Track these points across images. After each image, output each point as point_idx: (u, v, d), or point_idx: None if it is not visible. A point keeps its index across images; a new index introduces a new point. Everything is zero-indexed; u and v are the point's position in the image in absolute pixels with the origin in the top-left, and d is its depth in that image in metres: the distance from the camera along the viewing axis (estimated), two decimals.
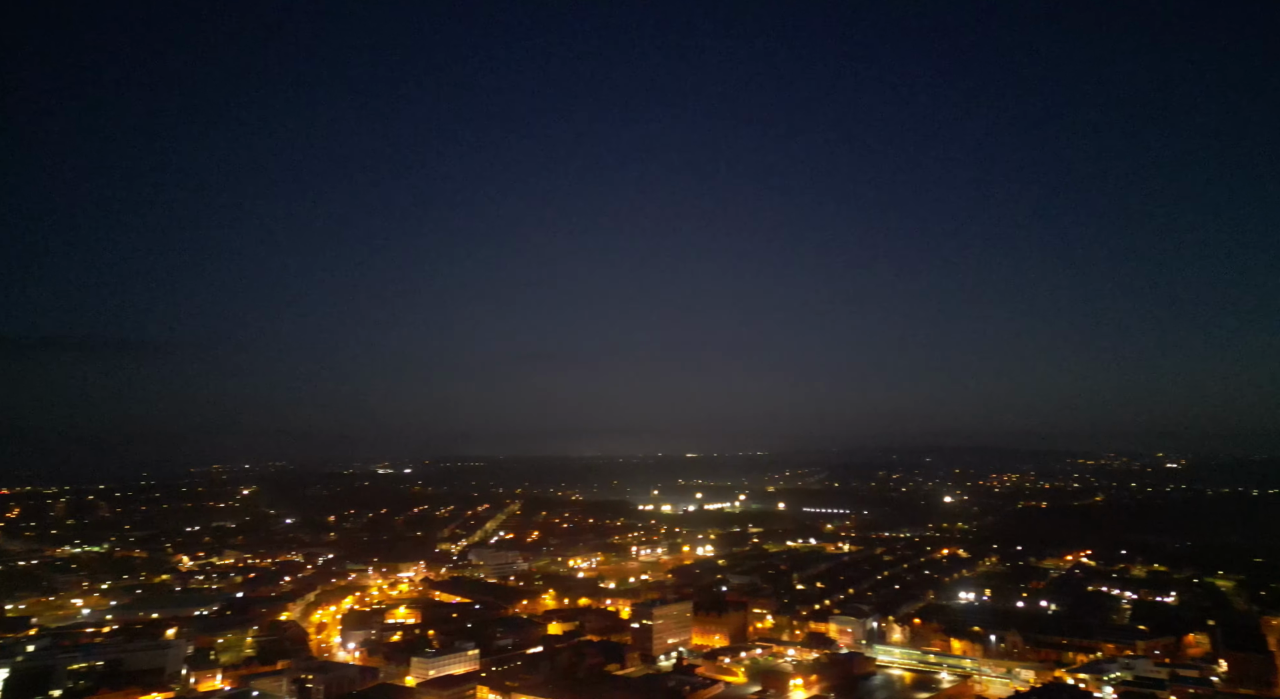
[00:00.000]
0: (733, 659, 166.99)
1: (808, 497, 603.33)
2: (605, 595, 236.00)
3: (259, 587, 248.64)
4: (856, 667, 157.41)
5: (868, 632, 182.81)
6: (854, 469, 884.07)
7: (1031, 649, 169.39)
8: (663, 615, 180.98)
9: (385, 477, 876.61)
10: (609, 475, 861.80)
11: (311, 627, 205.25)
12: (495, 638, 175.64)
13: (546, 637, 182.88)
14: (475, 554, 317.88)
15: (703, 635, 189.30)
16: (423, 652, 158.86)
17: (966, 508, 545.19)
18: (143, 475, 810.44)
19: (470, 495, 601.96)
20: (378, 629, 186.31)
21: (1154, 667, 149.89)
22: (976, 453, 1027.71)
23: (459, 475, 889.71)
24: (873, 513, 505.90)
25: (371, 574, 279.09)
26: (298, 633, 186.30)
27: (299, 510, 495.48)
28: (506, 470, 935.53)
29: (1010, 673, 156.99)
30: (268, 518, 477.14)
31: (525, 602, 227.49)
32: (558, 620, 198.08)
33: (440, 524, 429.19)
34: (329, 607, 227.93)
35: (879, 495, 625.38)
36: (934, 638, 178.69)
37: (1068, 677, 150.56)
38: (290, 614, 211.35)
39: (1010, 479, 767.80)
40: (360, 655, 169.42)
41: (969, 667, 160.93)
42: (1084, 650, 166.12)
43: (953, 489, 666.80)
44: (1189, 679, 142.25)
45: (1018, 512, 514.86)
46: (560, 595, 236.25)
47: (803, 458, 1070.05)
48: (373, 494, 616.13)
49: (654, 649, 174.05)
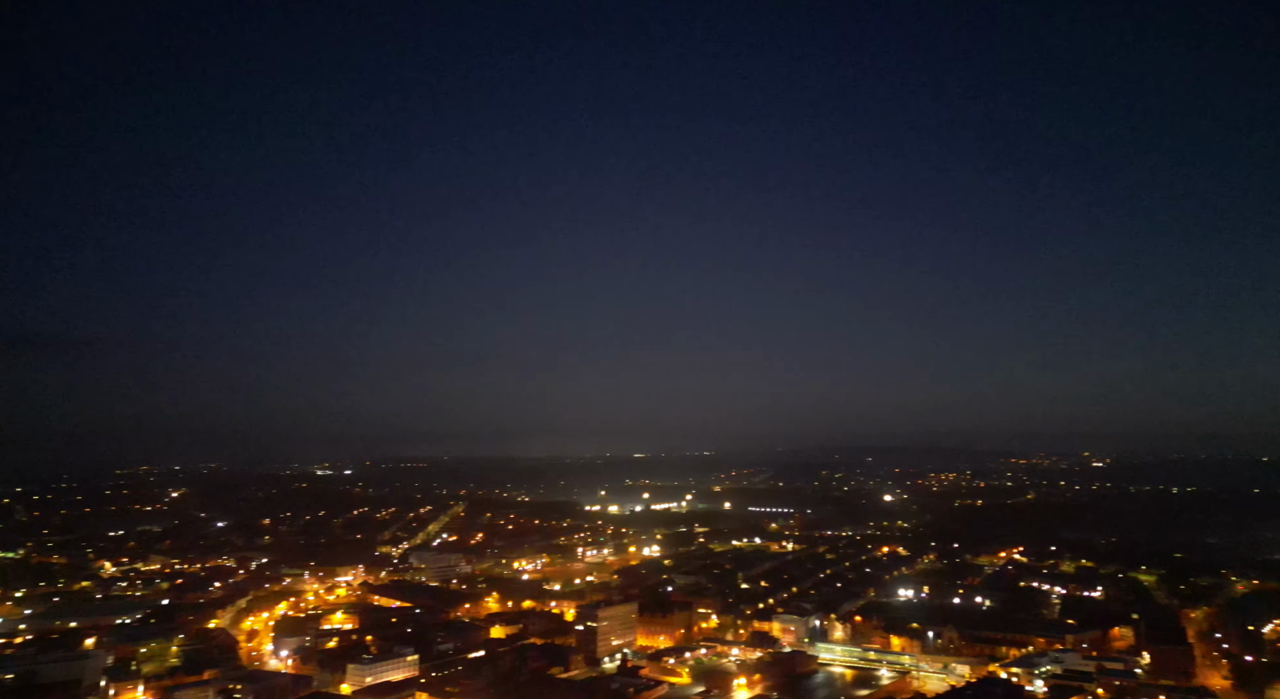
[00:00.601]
0: (677, 660, 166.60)
1: (753, 496, 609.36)
2: (550, 597, 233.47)
3: (186, 593, 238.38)
4: (799, 665, 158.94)
5: (810, 630, 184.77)
6: (798, 469, 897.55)
7: (967, 644, 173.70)
8: (607, 617, 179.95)
9: (324, 478, 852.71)
10: (556, 476, 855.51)
11: (242, 634, 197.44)
12: (436, 642, 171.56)
13: (489, 640, 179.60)
14: (417, 557, 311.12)
15: (648, 636, 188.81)
16: (359, 658, 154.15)
17: (906, 506, 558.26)
18: (63, 478, 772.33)
19: (413, 497, 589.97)
20: (312, 635, 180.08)
21: (1082, 660, 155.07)
22: (915, 453, 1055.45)
23: (402, 476, 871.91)
24: (816, 512, 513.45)
25: (307, 579, 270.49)
26: (227, 641, 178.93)
27: (232, 513, 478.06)
28: (451, 471, 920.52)
29: (947, 668, 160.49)
30: (198, 521, 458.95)
31: (468, 605, 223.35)
32: (501, 624, 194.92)
33: (381, 526, 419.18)
34: (261, 613, 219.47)
35: (822, 494, 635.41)
36: (874, 635, 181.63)
37: (1001, 671, 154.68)
38: (219, 621, 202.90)
39: (947, 478, 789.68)
40: (293, 663, 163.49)
41: (907, 663, 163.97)
42: (1016, 645, 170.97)
43: (893, 488, 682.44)
44: (1114, 672, 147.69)
45: (954, 510, 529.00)
46: (504, 598, 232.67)
47: (749, 458, 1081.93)
48: (310, 496, 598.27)
49: (598, 651, 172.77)
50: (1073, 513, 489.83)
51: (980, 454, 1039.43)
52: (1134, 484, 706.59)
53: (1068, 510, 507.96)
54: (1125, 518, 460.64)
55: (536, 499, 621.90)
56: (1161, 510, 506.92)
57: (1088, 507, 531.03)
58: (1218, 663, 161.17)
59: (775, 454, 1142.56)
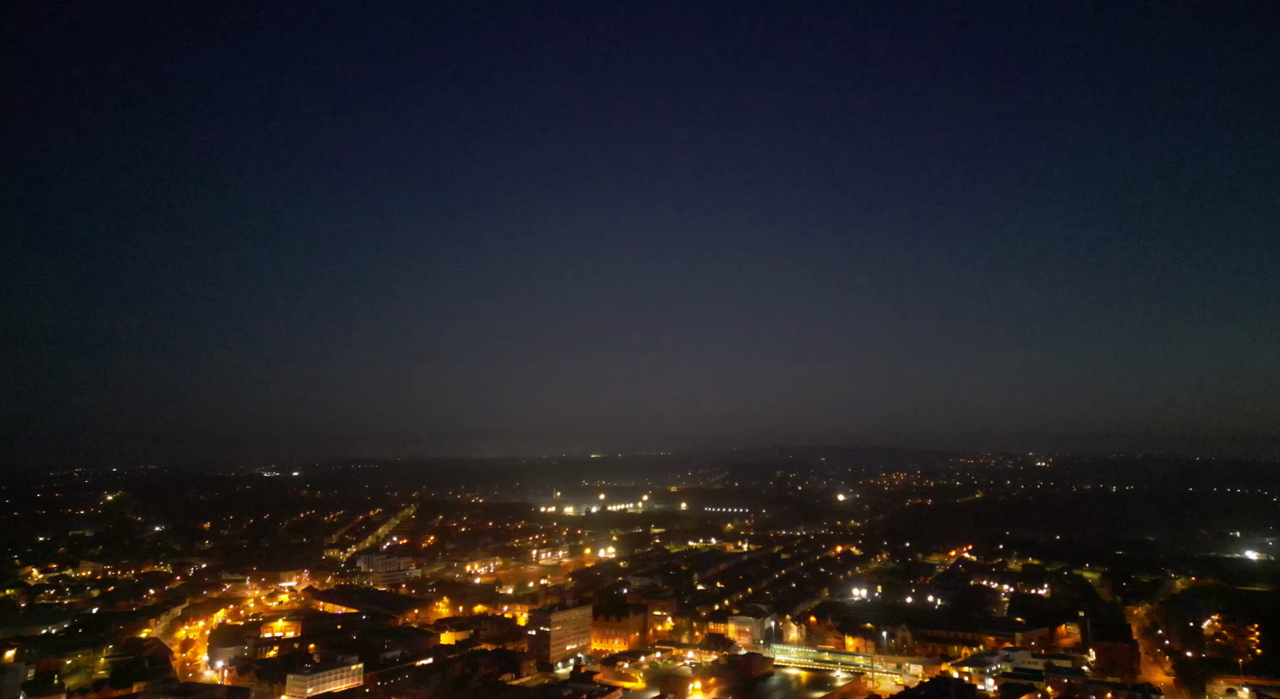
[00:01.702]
0: (632, 664, 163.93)
1: (709, 496, 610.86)
2: (502, 601, 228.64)
3: (118, 600, 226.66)
4: (754, 668, 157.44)
5: (765, 631, 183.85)
6: (753, 469, 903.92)
7: (920, 644, 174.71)
8: (561, 621, 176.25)
9: (270, 480, 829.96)
10: (510, 477, 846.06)
11: (176, 644, 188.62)
12: (382, 650, 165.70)
13: (438, 647, 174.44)
14: (365, 561, 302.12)
15: (602, 640, 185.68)
16: (300, 668, 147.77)
17: (858, 506, 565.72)
18: None
19: (362, 499, 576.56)
20: (251, 644, 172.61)
21: (1031, 658, 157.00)
22: (867, 453, 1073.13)
23: (351, 478, 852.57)
24: (771, 512, 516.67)
25: (249, 585, 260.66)
26: (159, 651, 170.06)
27: (170, 517, 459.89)
28: (402, 473, 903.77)
29: (901, 668, 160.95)
30: (133, 525, 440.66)
31: (417, 611, 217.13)
32: (451, 629, 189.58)
33: (328, 530, 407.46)
34: (198, 621, 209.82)
35: (777, 494, 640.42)
36: (829, 636, 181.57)
37: (953, 670, 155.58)
38: (152, 631, 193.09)
39: (898, 478, 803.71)
40: (229, 675, 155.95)
41: (862, 664, 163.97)
42: (967, 644, 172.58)
43: (845, 488, 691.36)
44: (1063, 670, 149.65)
45: (906, 509, 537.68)
46: (455, 603, 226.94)
47: (704, 458, 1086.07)
48: (255, 499, 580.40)
49: (551, 656, 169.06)
50: (1019, 511, 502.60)
51: (929, 454, 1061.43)
52: (1075, 483, 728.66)
53: (1014, 509, 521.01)
54: (1068, 516, 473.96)
55: (490, 501, 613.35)
56: (1102, 509, 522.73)
57: (1032, 505, 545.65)
58: (1161, 659, 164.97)
59: (730, 455, 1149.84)
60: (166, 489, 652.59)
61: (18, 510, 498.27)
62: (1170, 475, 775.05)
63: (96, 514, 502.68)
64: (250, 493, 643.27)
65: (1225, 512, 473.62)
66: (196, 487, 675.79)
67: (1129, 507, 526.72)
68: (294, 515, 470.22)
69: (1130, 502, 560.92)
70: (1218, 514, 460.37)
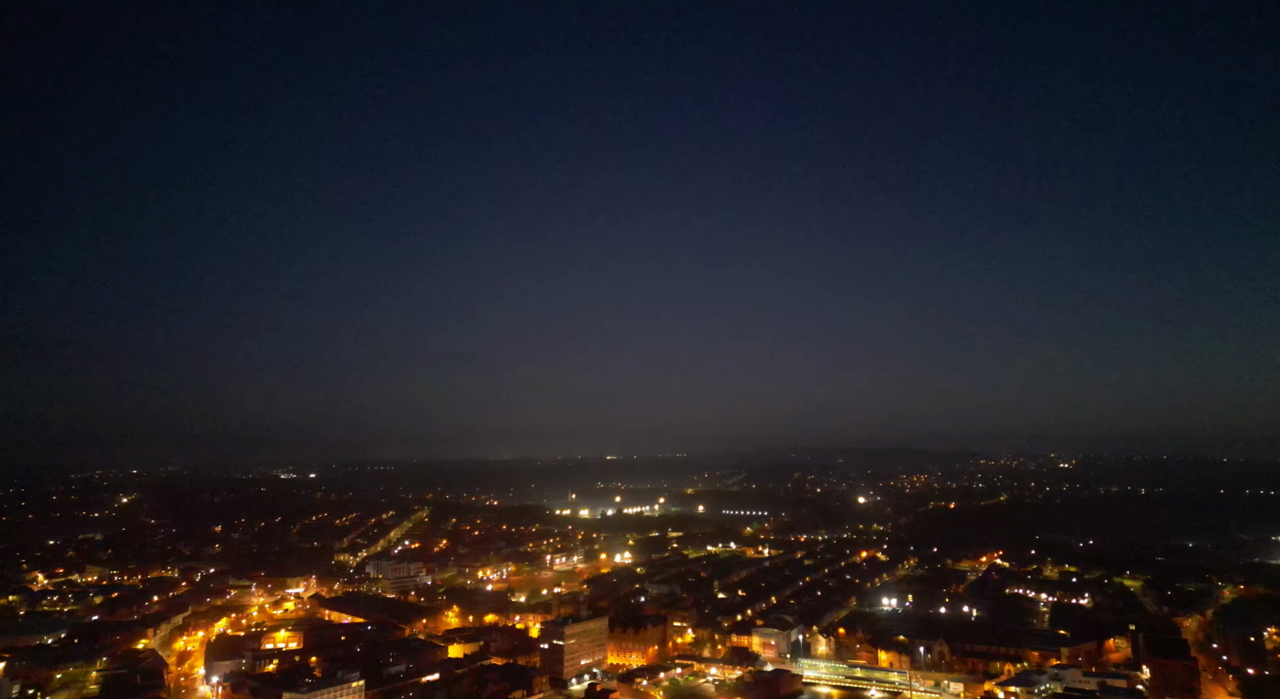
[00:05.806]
0: (650, 680, 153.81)
1: (726, 499, 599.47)
2: (515, 610, 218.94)
3: (120, 608, 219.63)
4: (782, 686, 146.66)
5: (792, 644, 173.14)
6: (770, 470, 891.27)
7: (958, 659, 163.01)
8: (575, 633, 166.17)
9: (286, 482, 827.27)
10: (526, 479, 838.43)
11: (174, 655, 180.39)
12: (387, 664, 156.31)
13: (445, 661, 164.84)
14: (375, 566, 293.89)
15: (619, 654, 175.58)
16: (298, 685, 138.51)
17: (880, 509, 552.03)
18: (14, 482, 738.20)
19: (377, 502, 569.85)
20: (250, 657, 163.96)
21: (1082, 676, 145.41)
22: (885, 454, 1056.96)
23: (367, 480, 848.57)
24: (790, 514, 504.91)
25: (255, 591, 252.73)
26: (154, 664, 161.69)
27: (183, 520, 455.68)
28: (418, 475, 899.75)
29: (939, 686, 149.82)
30: (145, 528, 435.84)
31: (425, 620, 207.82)
32: (460, 641, 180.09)
33: (339, 533, 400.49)
34: (197, 631, 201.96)
35: (795, 497, 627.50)
36: (860, 649, 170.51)
37: (998, 690, 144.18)
38: (149, 641, 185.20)
39: (919, 480, 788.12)
40: (223, 691, 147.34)
41: (897, 681, 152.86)
42: (1010, 660, 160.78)
43: (865, 490, 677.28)
44: (1118, 690, 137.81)
45: (929, 512, 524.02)
46: (465, 612, 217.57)
47: (720, 460, 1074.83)
48: (268, 501, 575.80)
49: (565, 672, 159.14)
50: (1047, 515, 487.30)
51: (948, 455, 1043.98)
52: (1102, 485, 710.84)
53: (1041, 512, 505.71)
54: (1098, 519, 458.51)
55: (505, 503, 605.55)
56: (1133, 511, 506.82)
57: (1060, 508, 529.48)
58: (1222, 677, 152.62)
59: (747, 456, 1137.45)
60: (180, 491, 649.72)
61: (33, 513, 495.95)
62: (1198, 478, 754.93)
63: (110, 517, 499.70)
64: (264, 495, 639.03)
65: (1262, 515, 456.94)
66: (210, 489, 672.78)
67: (1161, 510, 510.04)
68: (306, 518, 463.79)
69: (1162, 505, 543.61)
70: (1255, 518, 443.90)
